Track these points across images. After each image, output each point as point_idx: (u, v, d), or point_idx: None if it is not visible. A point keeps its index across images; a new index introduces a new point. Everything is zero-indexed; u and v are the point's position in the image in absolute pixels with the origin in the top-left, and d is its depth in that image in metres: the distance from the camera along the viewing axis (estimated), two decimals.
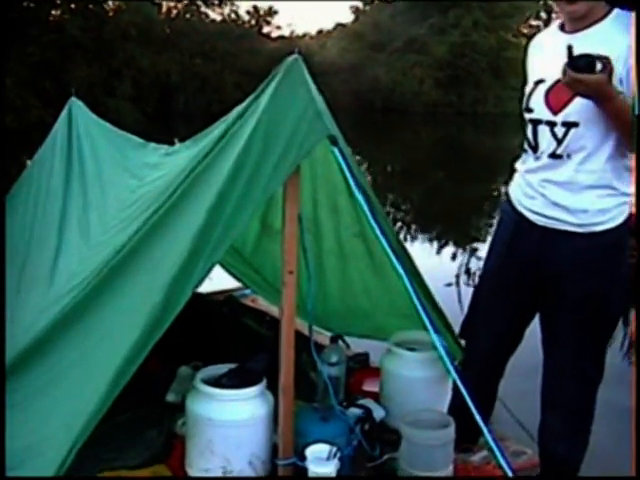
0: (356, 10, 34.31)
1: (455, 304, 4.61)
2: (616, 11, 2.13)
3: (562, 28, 2.22)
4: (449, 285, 6.00)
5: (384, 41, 30.81)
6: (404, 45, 30.42)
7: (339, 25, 35.28)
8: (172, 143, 3.18)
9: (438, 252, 7.67)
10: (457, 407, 2.43)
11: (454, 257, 7.36)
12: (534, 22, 32.55)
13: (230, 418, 2.33)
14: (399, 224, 8.79)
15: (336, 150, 2.16)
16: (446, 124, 26.28)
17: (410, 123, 25.61)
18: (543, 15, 31.73)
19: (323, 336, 3.09)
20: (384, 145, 19.09)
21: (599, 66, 1.94)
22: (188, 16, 28.55)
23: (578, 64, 1.94)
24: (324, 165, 2.65)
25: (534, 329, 2.53)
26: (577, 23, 2.13)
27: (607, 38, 2.05)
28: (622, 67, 2.02)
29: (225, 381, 2.44)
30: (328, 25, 55.30)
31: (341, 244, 3.06)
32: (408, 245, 7.10)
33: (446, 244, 8.19)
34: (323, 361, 2.64)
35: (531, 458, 2.61)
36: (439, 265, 6.89)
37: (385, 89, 29.05)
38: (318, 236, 3.03)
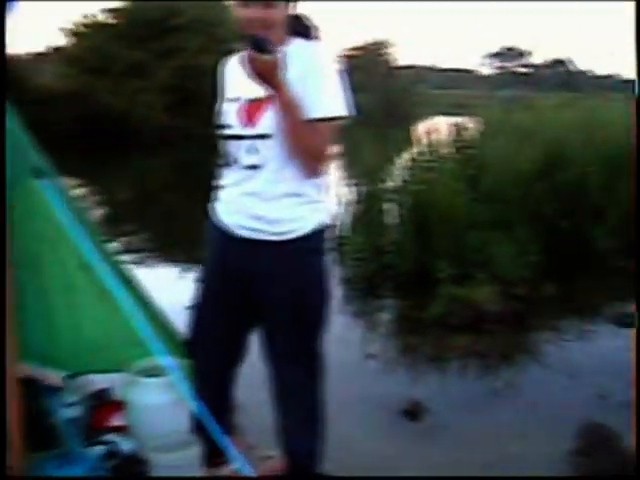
0: (71, 33, 32.93)
1: None
2: (296, 40, 2.40)
3: None
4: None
5: (106, 66, 30.03)
6: (127, 69, 29.94)
7: (54, 49, 33.62)
8: None
9: (180, 275, 7.70)
10: (200, 425, 2.50)
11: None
12: None
13: None
14: (135, 251, 8.65)
15: (43, 183, 2.13)
16: (178, 147, 26.38)
17: (141, 148, 25.29)
18: None
19: (57, 377, 2.97)
20: (115, 172, 18.65)
21: (271, 48, 2.16)
22: None
23: (256, 42, 2.16)
24: (39, 197, 2.57)
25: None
26: None
27: (289, 61, 2.28)
28: (298, 89, 2.25)
29: None
30: (39, 47, 52.38)
31: (67, 277, 2.97)
32: (148, 271, 7.07)
33: (188, 266, 8.25)
34: (59, 403, 2.56)
35: (277, 460, 2.77)
36: (182, 288, 6.92)
37: (113, 115, 28.31)
38: (40, 271, 2.91)
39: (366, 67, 37.97)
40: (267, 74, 2.16)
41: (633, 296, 6.66)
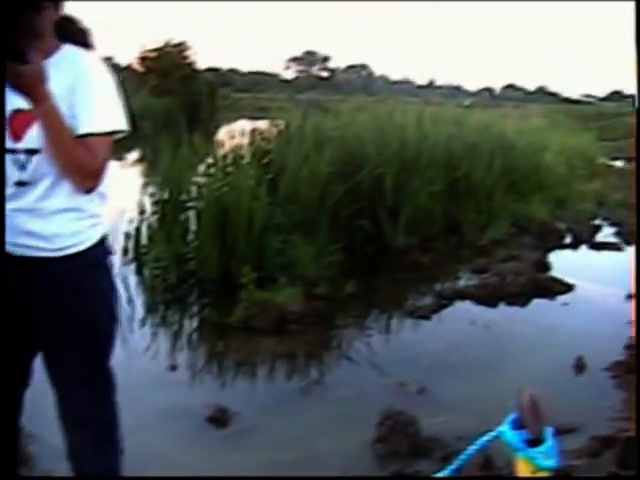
0: None
1: None
2: (65, 47, 2.28)
3: None
4: None
5: None
6: None
7: None
8: None
9: None
10: None
11: None
12: None
13: None
14: None
15: None
16: None
17: None
18: None
19: None
20: None
21: (31, 57, 2.02)
22: None
23: (12, 51, 2.00)
24: None
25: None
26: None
27: (57, 72, 2.16)
28: (66, 102, 2.16)
29: None
30: None
31: None
32: None
33: None
34: None
35: None
36: None
37: None
38: None
39: (165, 70, 37.41)
40: (27, 86, 2.03)
41: (428, 288, 7.24)
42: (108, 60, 33.36)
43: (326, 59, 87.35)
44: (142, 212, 7.23)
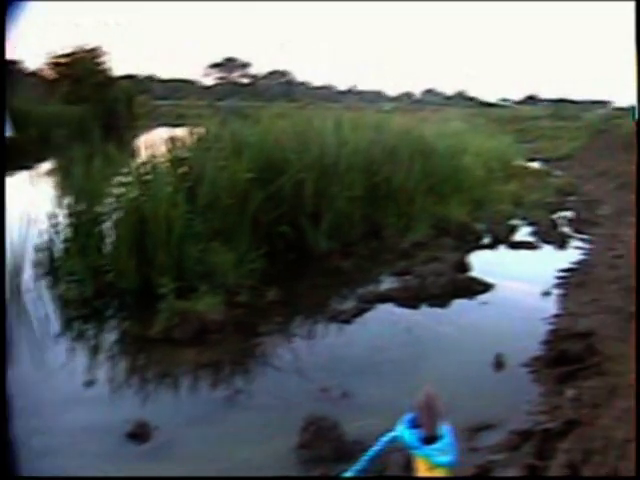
0: None
1: None
2: None
3: None
4: None
5: None
6: None
7: None
8: None
9: None
10: None
11: None
12: None
13: None
14: None
15: None
16: None
17: None
18: None
19: None
20: None
21: None
22: None
23: None
24: None
25: None
26: None
27: None
28: None
29: None
30: None
31: None
32: None
33: None
34: None
35: None
36: None
37: None
38: None
39: (78, 76, 36.40)
40: None
41: (350, 292, 7.32)
42: (13, 65, 32.20)
43: (246, 65, 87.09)
44: (55, 224, 7.04)
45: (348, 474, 1.22)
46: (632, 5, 2.59)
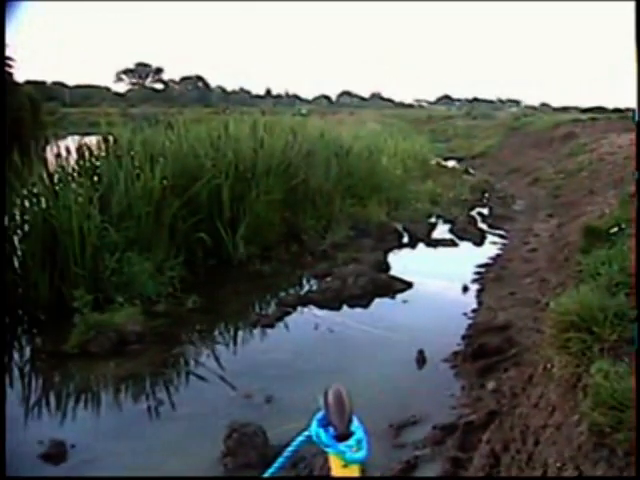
0: None
1: None
2: None
3: None
4: None
5: None
6: None
7: None
8: None
9: None
10: None
11: None
12: None
13: None
14: None
15: None
16: None
17: None
18: None
19: None
20: None
21: None
22: None
23: None
24: None
25: None
26: None
27: None
28: None
29: None
30: None
31: None
32: None
33: None
34: None
35: None
36: None
37: None
38: None
39: None
40: None
41: (271, 296, 7.31)
42: None
43: (159, 71, 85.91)
44: None
45: (266, 475, 1.22)
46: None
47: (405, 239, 10.35)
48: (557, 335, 2.81)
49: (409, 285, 7.56)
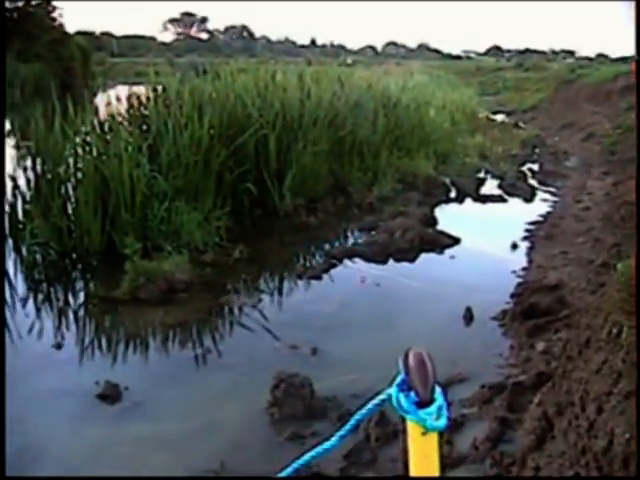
0: None
1: None
2: None
3: None
4: None
5: None
6: None
7: None
8: None
9: None
10: None
11: None
12: None
13: None
14: None
15: None
16: None
17: None
18: None
19: None
20: None
21: None
22: None
23: None
24: None
25: None
26: None
27: None
28: None
29: None
30: None
31: None
32: None
33: None
34: None
35: None
36: None
37: None
38: None
39: (30, 33, 35.30)
40: None
41: (317, 248, 7.31)
42: None
43: (204, 20, 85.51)
44: (15, 186, 6.87)
45: (334, 438, 1.19)
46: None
47: (453, 194, 10.22)
48: (627, 299, 2.71)
49: (456, 241, 7.47)
